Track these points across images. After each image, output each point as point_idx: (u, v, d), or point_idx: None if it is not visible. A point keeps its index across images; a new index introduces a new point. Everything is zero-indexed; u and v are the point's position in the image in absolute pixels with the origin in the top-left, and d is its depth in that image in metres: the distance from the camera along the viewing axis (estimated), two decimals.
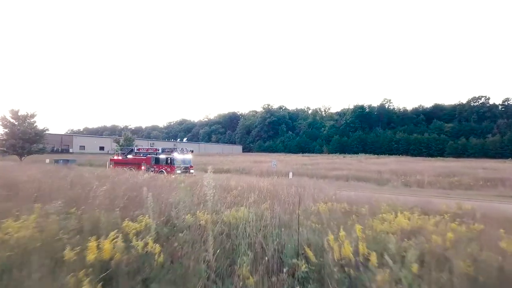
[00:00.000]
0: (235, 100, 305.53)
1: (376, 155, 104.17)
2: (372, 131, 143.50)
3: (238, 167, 48.66)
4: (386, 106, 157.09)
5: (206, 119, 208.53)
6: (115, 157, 38.29)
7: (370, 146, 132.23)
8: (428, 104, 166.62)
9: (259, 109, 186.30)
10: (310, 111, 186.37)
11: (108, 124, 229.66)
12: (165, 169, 33.19)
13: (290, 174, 37.60)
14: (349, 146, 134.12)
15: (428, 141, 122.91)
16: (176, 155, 33.14)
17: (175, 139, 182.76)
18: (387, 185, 34.10)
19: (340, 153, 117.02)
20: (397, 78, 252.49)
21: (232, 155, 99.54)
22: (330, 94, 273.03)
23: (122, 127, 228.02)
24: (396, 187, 33.34)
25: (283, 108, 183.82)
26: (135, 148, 37.09)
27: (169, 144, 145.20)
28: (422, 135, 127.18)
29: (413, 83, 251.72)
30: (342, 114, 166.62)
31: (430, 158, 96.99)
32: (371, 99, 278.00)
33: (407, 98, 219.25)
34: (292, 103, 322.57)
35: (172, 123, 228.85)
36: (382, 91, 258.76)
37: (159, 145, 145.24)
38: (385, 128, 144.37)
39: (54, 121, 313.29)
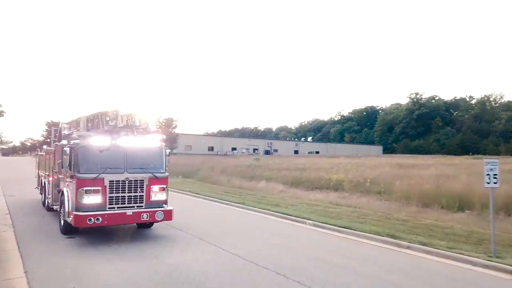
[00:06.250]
0: (372, 92, 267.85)
1: None
2: None
3: (362, 179, 21.98)
4: None
5: (339, 116, 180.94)
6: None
7: None
8: None
9: (403, 100, 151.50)
10: (474, 101, 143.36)
11: (239, 126, 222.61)
12: (68, 187, 9.75)
13: None
14: None
15: None
16: (92, 141, 9.22)
17: (299, 139, 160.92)
18: None
19: None
20: None
21: (368, 157, 71.41)
22: (502, 77, 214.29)
23: (252, 128, 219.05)
24: None
25: (436, 97, 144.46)
26: (63, 127, 14.27)
27: (240, 143, 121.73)
28: None
29: None
30: None
31: None
32: None
33: None
34: (448, 92, 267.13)
35: (304, 123, 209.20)
36: None
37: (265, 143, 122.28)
38: None
39: (190, 125, 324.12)
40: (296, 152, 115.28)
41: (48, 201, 13.26)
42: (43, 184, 14.63)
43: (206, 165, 38.35)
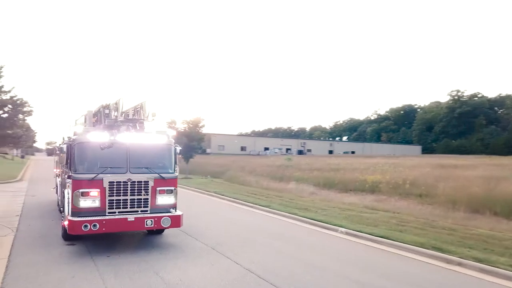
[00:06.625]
0: (410, 90, 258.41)
1: None
2: None
3: (401, 180, 20.12)
4: None
5: (375, 115, 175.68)
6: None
7: None
8: None
9: (443, 98, 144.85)
10: None
11: (273, 126, 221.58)
12: (68, 188, 8.68)
13: None
14: None
15: None
16: (89, 137, 8.15)
17: (334, 139, 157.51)
18: None
19: None
20: None
21: (406, 157, 68.11)
22: None
23: (285, 128, 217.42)
24: None
25: (479, 95, 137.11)
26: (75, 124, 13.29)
27: (273, 142, 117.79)
28: None
29: None
30: None
31: None
32: None
33: None
34: (492, 89, 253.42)
35: (339, 123, 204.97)
36: None
37: (298, 143, 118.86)
38: None
39: (225, 126, 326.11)
40: (330, 152, 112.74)
41: (59, 203, 12.54)
42: (57, 185, 14.02)
43: (236, 165, 37.34)
